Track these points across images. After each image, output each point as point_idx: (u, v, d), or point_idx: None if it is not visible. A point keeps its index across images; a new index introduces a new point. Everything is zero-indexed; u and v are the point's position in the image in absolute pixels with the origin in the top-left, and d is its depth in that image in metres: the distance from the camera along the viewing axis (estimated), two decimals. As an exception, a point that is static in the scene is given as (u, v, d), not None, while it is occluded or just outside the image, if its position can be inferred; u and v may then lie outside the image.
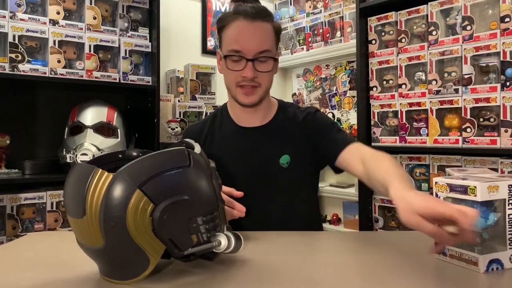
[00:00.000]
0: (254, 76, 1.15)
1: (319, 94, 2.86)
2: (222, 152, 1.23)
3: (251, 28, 1.15)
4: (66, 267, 0.83)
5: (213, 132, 1.28)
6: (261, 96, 1.19)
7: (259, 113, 1.25)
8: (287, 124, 1.25)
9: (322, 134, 1.22)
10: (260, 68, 1.15)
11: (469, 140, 1.67)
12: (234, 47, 1.15)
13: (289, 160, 1.20)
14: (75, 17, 1.98)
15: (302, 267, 0.84)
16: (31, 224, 1.82)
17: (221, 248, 0.75)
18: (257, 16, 1.15)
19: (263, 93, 1.19)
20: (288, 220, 1.20)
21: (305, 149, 1.22)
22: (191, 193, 0.72)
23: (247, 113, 1.25)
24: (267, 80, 1.19)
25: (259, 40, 1.15)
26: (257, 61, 1.14)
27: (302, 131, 1.23)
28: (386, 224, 1.99)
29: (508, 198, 0.77)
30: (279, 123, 1.26)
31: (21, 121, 2.06)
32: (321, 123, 1.25)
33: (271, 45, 1.17)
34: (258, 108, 1.24)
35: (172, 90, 2.54)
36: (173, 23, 2.59)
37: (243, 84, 1.16)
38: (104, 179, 0.67)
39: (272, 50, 1.17)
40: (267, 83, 1.20)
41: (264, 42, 1.15)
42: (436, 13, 1.80)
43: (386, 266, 0.83)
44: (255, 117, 1.26)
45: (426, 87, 1.82)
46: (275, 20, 1.22)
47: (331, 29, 2.61)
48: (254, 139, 1.24)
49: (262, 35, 1.16)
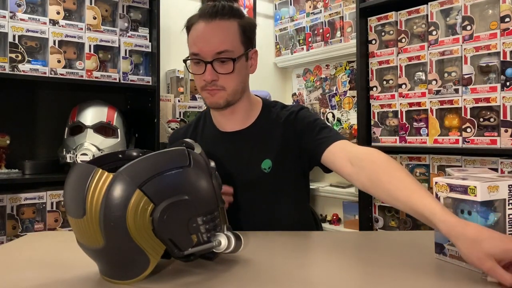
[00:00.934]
0: (213, 79, 1.09)
1: (319, 94, 2.86)
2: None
3: (208, 29, 1.09)
4: (66, 267, 0.83)
5: (195, 137, 1.23)
6: (227, 99, 1.12)
7: (237, 117, 1.19)
8: (269, 126, 1.19)
9: (305, 133, 1.15)
10: (220, 70, 1.09)
11: (469, 140, 1.67)
12: (193, 50, 1.11)
13: (270, 165, 1.15)
14: (75, 17, 1.98)
15: (302, 267, 0.84)
16: (31, 224, 1.82)
17: (221, 248, 0.75)
18: (216, 14, 1.09)
19: (230, 96, 1.12)
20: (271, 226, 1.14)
21: (288, 151, 1.16)
22: (191, 193, 0.72)
23: (224, 116, 1.20)
24: (231, 82, 1.11)
25: (217, 40, 1.08)
26: (216, 62, 1.08)
27: (285, 133, 1.17)
28: (386, 224, 1.99)
29: (508, 198, 0.77)
30: (260, 126, 1.19)
31: (21, 121, 2.06)
32: (304, 122, 1.17)
33: (233, 44, 1.09)
34: (235, 111, 1.18)
35: (172, 90, 2.53)
36: (173, 23, 2.59)
37: (207, 88, 1.11)
38: (104, 179, 0.67)
39: (233, 50, 1.09)
40: (233, 85, 1.11)
41: (222, 42, 1.08)
42: (436, 13, 1.80)
43: (386, 266, 0.83)
44: (234, 121, 1.20)
45: (426, 87, 1.82)
46: (245, 17, 1.14)
47: (331, 29, 2.61)
48: (235, 144, 1.19)
49: (220, 34, 1.09)
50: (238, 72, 1.11)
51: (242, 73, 1.13)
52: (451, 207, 0.82)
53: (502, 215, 0.78)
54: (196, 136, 1.24)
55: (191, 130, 1.27)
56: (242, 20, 1.12)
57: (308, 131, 1.15)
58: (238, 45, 1.11)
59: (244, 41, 1.12)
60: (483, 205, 0.75)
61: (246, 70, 1.16)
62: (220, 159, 1.07)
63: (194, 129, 1.27)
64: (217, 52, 1.08)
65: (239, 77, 1.12)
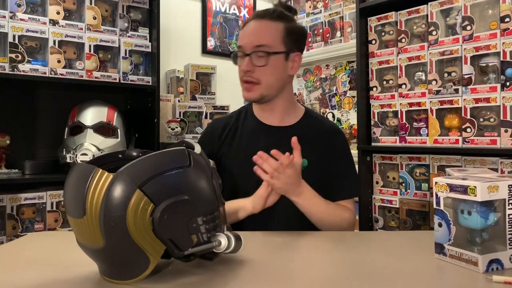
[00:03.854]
0: (249, 70, 1.19)
1: (319, 94, 2.86)
2: (242, 147, 1.26)
3: (254, 26, 1.21)
4: (66, 267, 0.83)
5: (236, 128, 1.31)
6: (262, 93, 1.22)
7: (277, 114, 1.28)
8: (310, 130, 1.28)
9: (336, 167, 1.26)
10: (256, 62, 1.19)
11: (469, 140, 1.67)
12: (238, 43, 1.23)
13: (306, 165, 1.21)
14: (75, 17, 1.98)
15: (302, 267, 0.84)
16: (31, 224, 1.82)
17: (221, 248, 0.75)
18: (265, 15, 1.21)
19: (266, 90, 1.22)
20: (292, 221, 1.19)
21: (323, 160, 1.25)
22: (191, 193, 0.72)
23: (264, 111, 1.29)
24: (266, 76, 1.20)
25: (258, 35, 1.20)
26: (254, 55, 1.19)
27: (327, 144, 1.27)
28: (386, 224, 1.99)
29: (508, 198, 0.77)
30: (302, 127, 1.28)
31: (21, 121, 2.06)
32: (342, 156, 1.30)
33: (272, 42, 1.19)
34: (274, 108, 1.27)
35: (172, 90, 2.53)
36: (173, 23, 2.59)
37: (244, 79, 1.21)
38: (104, 179, 0.67)
39: (271, 46, 1.19)
40: (267, 80, 1.21)
41: (262, 37, 1.19)
42: (436, 13, 1.80)
43: (386, 266, 0.83)
44: (274, 117, 1.28)
45: (426, 87, 1.82)
46: (294, 22, 1.25)
47: (331, 29, 2.61)
48: (275, 137, 1.25)
49: (263, 31, 1.20)
50: (274, 67, 1.20)
51: (278, 70, 1.22)
52: (451, 207, 0.82)
53: (502, 215, 0.78)
54: (237, 128, 1.31)
55: (232, 121, 1.34)
56: (290, 23, 1.23)
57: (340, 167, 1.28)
58: (278, 43, 1.20)
59: (286, 42, 1.22)
60: (483, 205, 0.75)
61: (284, 69, 1.23)
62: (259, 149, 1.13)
63: (236, 120, 1.34)
64: (256, 45, 1.19)
65: (275, 73, 1.21)
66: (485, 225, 0.76)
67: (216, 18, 2.84)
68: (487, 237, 0.77)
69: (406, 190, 1.91)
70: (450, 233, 0.81)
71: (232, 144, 1.28)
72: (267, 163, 1.07)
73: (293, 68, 1.26)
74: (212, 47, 2.79)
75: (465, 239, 0.79)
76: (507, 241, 0.78)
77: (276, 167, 1.07)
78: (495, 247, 0.77)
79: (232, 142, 1.29)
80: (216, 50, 2.82)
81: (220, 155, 1.29)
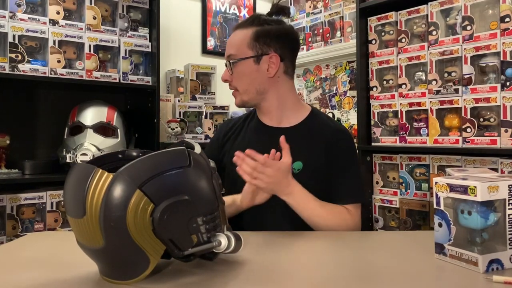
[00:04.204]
0: (226, 79, 1.28)
1: (319, 94, 2.86)
2: (243, 146, 1.25)
3: (230, 37, 1.30)
4: (66, 267, 0.83)
5: (242, 127, 1.36)
6: (242, 99, 1.28)
7: (274, 116, 1.30)
8: (313, 132, 1.27)
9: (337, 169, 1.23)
10: (229, 71, 1.27)
11: (469, 140, 1.67)
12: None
13: (301, 167, 1.21)
14: (75, 17, 1.98)
15: (301, 267, 0.84)
16: (31, 224, 1.82)
17: (221, 248, 0.75)
18: (239, 25, 1.28)
19: (245, 95, 1.27)
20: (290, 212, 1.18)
21: (322, 161, 1.23)
22: (191, 193, 0.72)
23: (262, 114, 1.33)
24: (238, 83, 1.27)
25: (229, 46, 1.28)
26: (229, 65, 1.26)
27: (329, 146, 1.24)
28: (386, 224, 1.99)
29: (508, 198, 0.77)
30: (305, 129, 1.27)
31: (21, 121, 2.06)
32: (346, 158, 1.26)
33: (237, 50, 1.24)
34: (268, 111, 1.30)
35: (172, 90, 2.53)
36: (173, 23, 2.59)
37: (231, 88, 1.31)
38: (104, 179, 0.67)
39: (237, 54, 1.24)
40: (241, 86, 1.27)
41: (230, 47, 1.27)
42: (436, 13, 1.80)
43: (386, 266, 0.83)
44: (270, 117, 1.31)
45: (426, 87, 1.82)
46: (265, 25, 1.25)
47: (331, 29, 2.61)
48: (272, 138, 1.23)
49: (232, 41, 1.27)
50: (243, 74, 1.25)
51: (249, 75, 1.25)
52: (451, 207, 0.82)
53: (502, 215, 0.78)
54: (243, 127, 1.36)
55: (240, 121, 1.39)
56: (260, 27, 1.24)
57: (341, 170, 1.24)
58: (244, 49, 1.24)
59: (253, 46, 1.24)
60: (483, 205, 0.75)
61: (257, 72, 1.25)
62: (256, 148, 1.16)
63: (243, 121, 1.39)
64: (227, 55, 1.27)
65: (245, 78, 1.26)
66: (485, 225, 0.76)
67: (216, 18, 2.84)
68: (487, 237, 0.77)
69: (406, 190, 1.91)
70: (450, 233, 0.81)
71: (234, 143, 1.33)
72: (245, 163, 1.09)
73: (270, 70, 1.24)
74: (212, 47, 2.79)
75: (465, 239, 0.79)
76: (507, 241, 0.78)
77: (254, 167, 1.08)
78: (495, 247, 0.77)
79: (235, 141, 1.33)
80: (216, 50, 2.82)
81: (223, 152, 1.34)
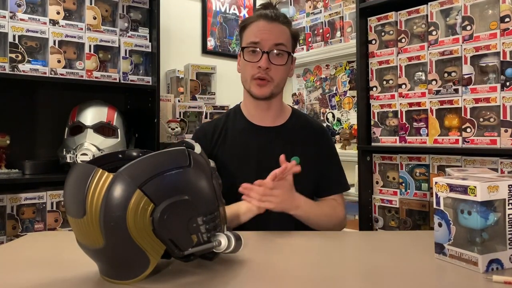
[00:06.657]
0: (267, 67, 1.23)
1: (319, 94, 2.86)
2: (234, 149, 1.28)
3: (269, 26, 1.26)
4: (66, 267, 0.83)
5: (226, 130, 1.34)
6: (273, 90, 1.27)
7: (271, 113, 1.32)
8: (298, 129, 1.33)
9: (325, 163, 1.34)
10: (274, 61, 1.23)
11: (469, 140, 1.67)
12: (252, 39, 1.25)
13: (298, 163, 1.21)
14: (75, 17, 1.98)
15: (301, 267, 0.84)
16: (31, 224, 1.82)
17: (221, 248, 0.75)
18: (276, 18, 1.27)
19: (275, 88, 1.27)
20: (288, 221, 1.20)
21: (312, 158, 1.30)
22: (192, 193, 0.72)
23: (261, 110, 1.32)
24: (279, 75, 1.26)
25: (276, 35, 1.25)
26: (272, 53, 1.23)
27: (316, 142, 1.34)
28: (386, 224, 1.99)
29: (508, 198, 0.77)
30: (291, 127, 1.33)
31: (21, 121, 2.06)
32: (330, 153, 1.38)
33: (287, 42, 1.27)
34: (271, 106, 1.31)
35: (172, 90, 2.53)
36: (173, 23, 2.59)
37: (257, 76, 1.24)
38: (104, 179, 0.67)
39: (287, 46, 1.27)
40: (280, 78, 1.27)
41: (280, 37, 1.25)
42: (436, 13, 1.80)
43: (386, 266, 0.83)
44: (268, 115, 1.32)
45: (426, 87, 1.82)
46: (293, 27, 1.32)
47: (331, 29, 2.61)
48: (266, 138, 1.30)
49: (279, 32, 1.26)
50: (286, 67, 1.28)
51: (287, 70, 1.30)
52: (451, 207, 0.82)
53: (502, 215, 0.78)
54: (228, 129, 1.34)
55: (221, 123, 1.35)
56: (292, 29, 1.31)
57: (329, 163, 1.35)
58: (289, 44, 1.29)
59: (291, 46, 1.30)
60: (483, 205, 0.75)
61: (288, 70, 1.32)
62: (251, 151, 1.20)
63: (225, 122, 1.35)
64: (276, 43, 1.24)
65: (285, 73, 1.30)
66: (485, 225, 0.76)
67: (216, 18, 2.84)
68: (487, 237, 0.77)
69: (406, 190, 1.91)
70: (450, 233, 0.81)
71: (225, 145, 1.31)
72: (253, 192, 1.09)
73: (291, 71, 1.34)
74: (212, 47, 2.79)
75: (465, 239, 0.79)
76: (507, 241, 0.78)
77: (262, 193, 1.09)
78: (495, 247, 0.77)
79: (225, 144, 1.32)
80: (216, 50, 2.82)
81: (213, 158, 1.29)
